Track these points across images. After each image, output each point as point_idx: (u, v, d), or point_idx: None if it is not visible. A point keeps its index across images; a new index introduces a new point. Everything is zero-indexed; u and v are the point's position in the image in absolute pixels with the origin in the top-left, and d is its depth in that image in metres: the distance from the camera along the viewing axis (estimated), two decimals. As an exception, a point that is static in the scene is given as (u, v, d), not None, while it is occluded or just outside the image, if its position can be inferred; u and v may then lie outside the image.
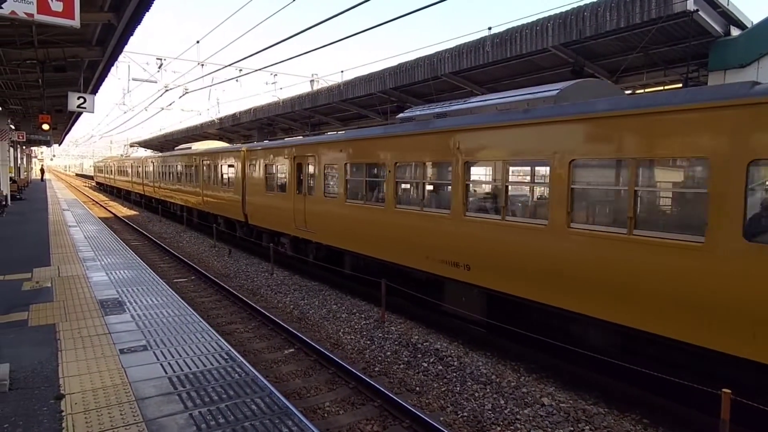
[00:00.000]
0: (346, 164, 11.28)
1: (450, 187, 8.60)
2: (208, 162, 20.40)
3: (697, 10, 7.88)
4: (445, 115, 9.13)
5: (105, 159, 62.40)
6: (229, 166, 18.29)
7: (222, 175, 19.10)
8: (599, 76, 10.79)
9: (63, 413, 4.18)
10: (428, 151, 9.20)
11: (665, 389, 6.07)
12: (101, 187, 59.37)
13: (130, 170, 38.31)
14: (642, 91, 10.62)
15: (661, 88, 10.30)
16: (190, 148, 24.97)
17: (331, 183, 12.12)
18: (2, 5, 4.49)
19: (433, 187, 9.81)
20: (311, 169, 12.83)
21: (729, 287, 5.00)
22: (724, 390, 4.61)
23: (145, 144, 51.02)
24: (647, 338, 5.90)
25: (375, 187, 10.76)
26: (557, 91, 7.42)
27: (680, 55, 9.39)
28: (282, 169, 14.37)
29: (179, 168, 24.66)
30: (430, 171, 9.62)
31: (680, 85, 9.65)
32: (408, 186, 10.28)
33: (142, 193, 33.97)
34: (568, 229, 6.52)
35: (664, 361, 6.05)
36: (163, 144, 44.27)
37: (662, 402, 6.16)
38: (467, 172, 8.27)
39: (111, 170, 49.71)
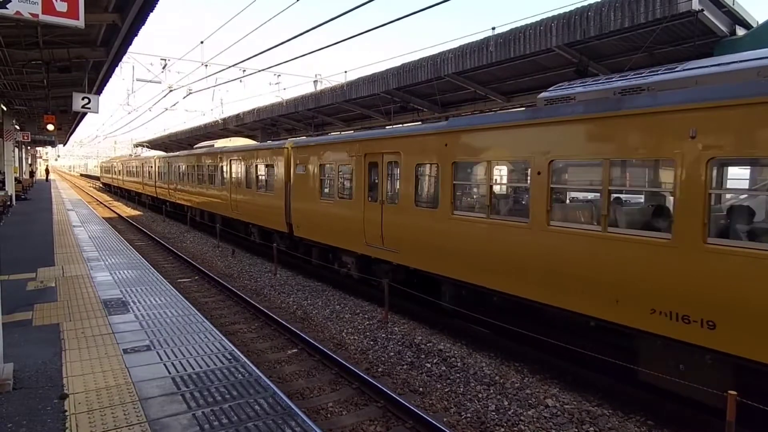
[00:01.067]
0: (454, 163, 8.48)
1: (674, 197, 5.63)
2: (239, 161, 17.79)
3: (702, 10, 7.82)
4: (644, 89, 6.28)
5: (112, 159, 59.23)
6: (268, 165, 15.59)
7: (258, 177, 16.38)
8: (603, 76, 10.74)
9: (67, 413, 4.19)
10: (621, 144, 6.19)
11: (669, 390, 6.04)
12: (108, 189, 57.42)
13: (140, 170, 35.70)
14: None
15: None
16: (212, 146, 21.94)
17: (426, 188, 9.60)
18: (6, 6, 4.49)
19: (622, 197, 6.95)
20: (392, 169, 10.33)
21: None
22: (729, 392, 4.58)
23: (150, 144, 50.82)
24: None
25: (510, 196, 8.44)
26: None
27: (685, 55, 9.33)
28: (345, 170, 11.70)
29: (200, 168, 21.73)
30: (620, 173, 6.88)
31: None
32: (578, 194, 8.04)
33: (155, 195, 31.44)
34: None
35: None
36: (167, 144, 43.25)
37: (667, 403, 6.12)
38: (720, 176, 5.80)
39: (119, 171, 46.96)
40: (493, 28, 11.07)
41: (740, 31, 8.45)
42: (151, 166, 31.97)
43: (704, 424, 5.68)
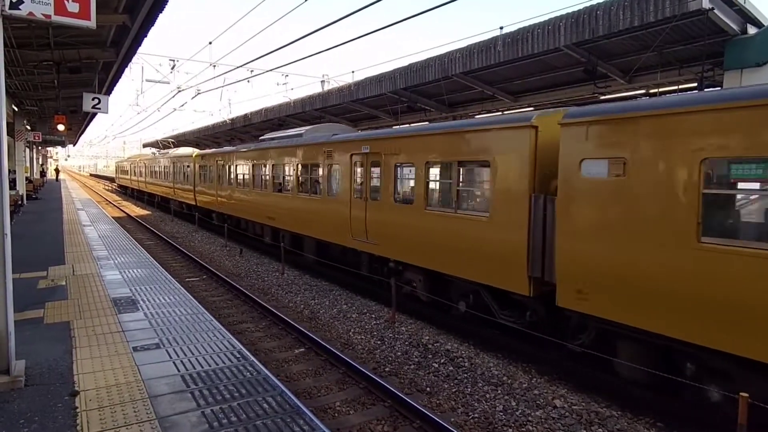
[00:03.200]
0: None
1: None
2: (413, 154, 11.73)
3: (713, 8, 7.77)
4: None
5: (132, 157, 49.41)
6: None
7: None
8: (612, 76, 10.69)
9: (77, 410, 4.23)
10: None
11: (679, 392, 5.99)
12: (125, 193, 49.72)
13: (171, 171, 28.93)
14: (656, 91, 10.51)
15: (676, 87, 10.18)
16: (300, 134, 15.57)
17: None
18: (20, 6, 4.54)
19: None
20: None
21: None
22: (741, 393, 4.54)
23: (154, 144, 50.89)
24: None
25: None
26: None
27: (695, 54, 9.27)
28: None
29: (284, 168, 15.60)
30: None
31: (695, 84, 9.54)
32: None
33: (193, 203, 24.92)
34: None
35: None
36: (175, 144, 42.92)
37: (677, 405, 6.08)
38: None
39: (140, 171, 39.50)
40: (501, 28, 11.04)
41: (751, 30, 8.38)
42: (188, 166, 25.32)
43: (715, 425, 5.63)
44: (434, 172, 9.59)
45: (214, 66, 20.40)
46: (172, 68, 21.19)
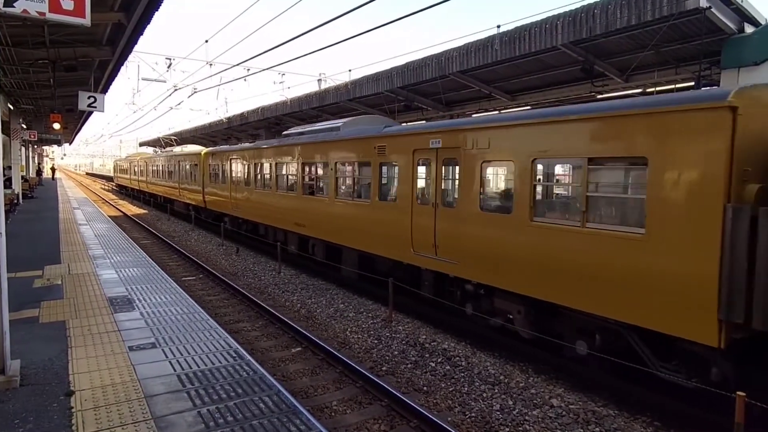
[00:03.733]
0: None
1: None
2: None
3: (710, 7, 7.77)
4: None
5: (132, 156, 47.18)
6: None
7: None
8: (609, 75, 10.70)
9: (73, 409, 4.21)
10: None
11: (676, 391, 6.00)
12: (124, 192, 47.55)
13: (177, 171, 26.86)
14: (652, 90, 10.52)
15: (673, 86, 10.19)
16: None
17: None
18: (14, 4, 4.51)
19: None
20: None
21: None
22: (738, 393, 4.55)
23: (154, 143, 50.68)
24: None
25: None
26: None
27: (692, 53, 9.28)
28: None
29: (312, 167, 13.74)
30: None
31: (692, 83, 9.54)
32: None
33: (201, 205, 22.89)
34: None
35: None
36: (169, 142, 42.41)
37: (674, 404, 6.09)
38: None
39: (141, 170, 37.53)
40: (498, 26, 11.05)
41: (749, 29, 8.39)
42: (196, 165, 23.37)
43: (711, 424, 5.64)
44: (545, 171, 7.86)
45: (211, 64, 20.35)
46: (169, 67, 21.12)
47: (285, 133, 16.08)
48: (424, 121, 15.92)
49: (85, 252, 11.71)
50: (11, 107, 21.01)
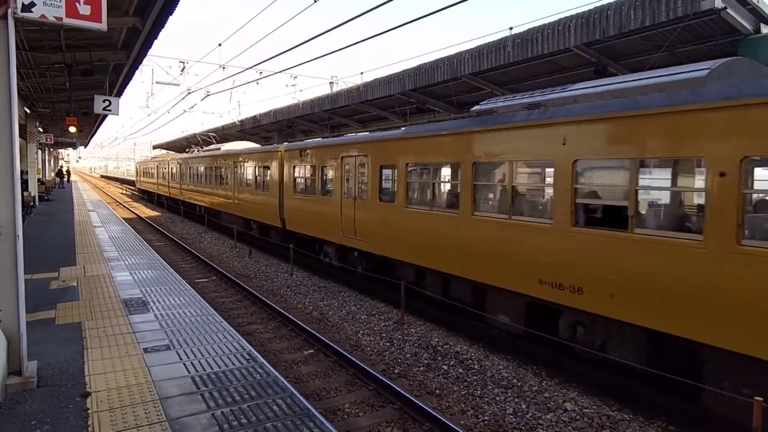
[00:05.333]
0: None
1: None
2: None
3: (725, 8, 7.68)
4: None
5: (159, 157, 40.95)
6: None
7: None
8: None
9: (89, 411, 4.25)
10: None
11: (692, 395, 5.91)
12: (148, 199, 41.62)
13: (230, 174, 20.79)
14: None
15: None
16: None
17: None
18: (32, 9, 4.58)
19: None
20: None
21: None
22: (756, 398, 4.47)
23: (166, 146, 51.12)
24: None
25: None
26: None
27: (707, 54, 9.16)
28: None
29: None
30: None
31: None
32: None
33: (277, 224, 16.29)
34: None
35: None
36: (185, 146, 42.02)
37: (689, 408, 6.00)
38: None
39: (174, 174, 31.40)
40: (511, 28, 11.00)
41: (765, 29, 8.28)
42: (268, 167, 16.97)
43: (727, 429, 5.55)
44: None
45: (224, 68, 20.51)
46: (182, 70, 21.32)
47: (479, 109, 8.91)
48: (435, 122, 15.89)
49: (100, 254, 11.85)
50: (28, 111, 21.35)
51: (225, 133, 31.36)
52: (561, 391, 6.68)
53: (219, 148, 24.25)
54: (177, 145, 44.48)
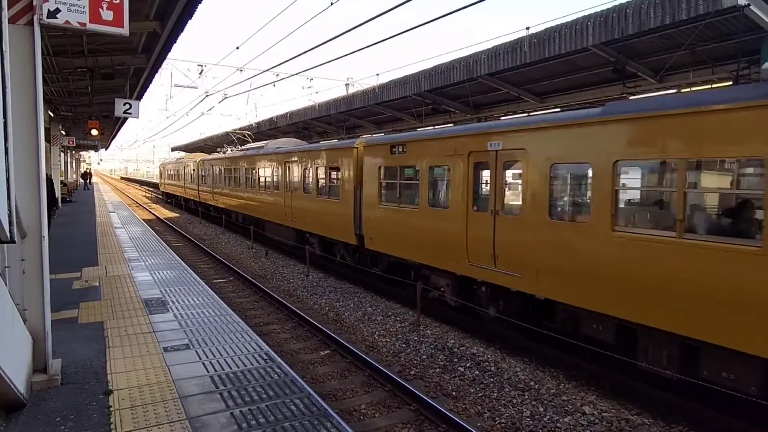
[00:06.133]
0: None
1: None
2: None
3: (749, 5, 7.51)
4: None
5: (188, 158, 36.31)
6: None
7: None
8: (642, 75, 10.46)
9: (111, 408, 4.33)
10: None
11: (712, 399, 5.80)
12: (176, 204, 38.25)
13: (278, 176, 17.39)
14: (687, 90, 10.23)
15: (709, 86, 9.89)
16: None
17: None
18: (57, 15, 4.70)
19: None
20: None
21: None
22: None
23: (185, 148, 51.64)
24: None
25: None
26: None
27: (730, 52, 8.99)
28: None
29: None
30: None
31: (730, 83, 9.25)
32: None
33: (350, 242, 12.81)
34: None
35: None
36: (213, 147, 41.37)
37: (710, 413, 5.89)
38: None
39: (206, 176, 28.28)
40: (528, 28, 10.92)
41: (790, 26, 8.08)
42: (336, 167, 13.79)
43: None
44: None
45: (241, 70, 20.73)
46: (200, 73, 21.61)
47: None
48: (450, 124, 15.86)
49: (121, 254, 12.06)
50: (51, 114, 21.84)
51: (257, 132, 31.64)
52: (579, 394, 6.61)
53: (262, 147, 20.17)
54: (197, 147, 44.17)
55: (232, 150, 26.07)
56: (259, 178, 19.58)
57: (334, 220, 13.39)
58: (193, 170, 31.51)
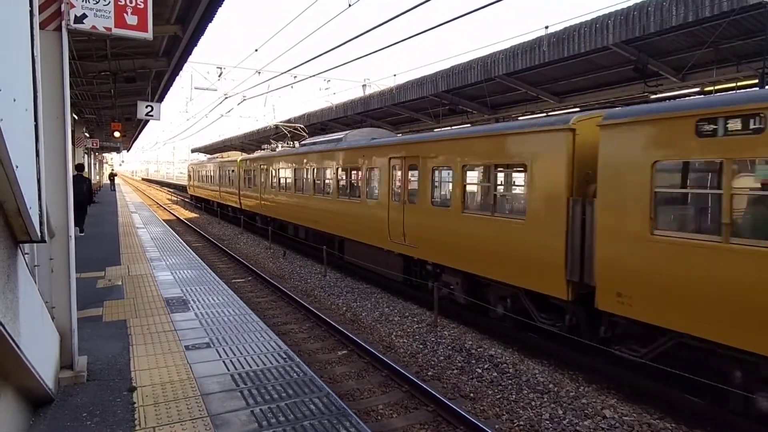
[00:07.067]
0: None
1: None
2: None
3: (775, 1, 7.37)
4: None
5: (225, 156, 32.03)
6: None
7: None
8: (663, 74, 10.30)
9: (135, 405, 4.43)
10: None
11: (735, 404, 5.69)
12: (205, 208, 35.06)
13: (384, 179, 12.02)
14: (711, 89, 10.04)
15: (734, 84, 9.70)
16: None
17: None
18: (83, 21, 4.82)
19: None
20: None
21: None
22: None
23: (204, 150, 52.28)
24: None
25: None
26: None
27: (755, 49, 8.80)
28: None
29: None
30: None
31: (755, 81, 9.05)
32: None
33: (564, 296, 7.23)
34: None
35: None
36: (220, 150, 42.35)
37: (735, 418, 5.77)
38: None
39: (248, 179, 24.01)
40: (546, 27, 10.84)
41: (818, 23, 7.88)
42: (550, 159, 7.57)
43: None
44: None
45: (259, 73, 20.92)
46: (220, 75, 21.85)
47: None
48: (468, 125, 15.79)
49: (143, 254, 12.28)
50: (76, 117, 22.32)
51: (261, 137, 31.91)
52: (599, 397, 6.54)
53: (340, 139, 15.38)
54: (216, 148, 43.81)
55: (280, 147, 22.80)
56: (338, 182, 14.57)
57: (511, 251, 8.27)
58: (232, 171, 26.84)
